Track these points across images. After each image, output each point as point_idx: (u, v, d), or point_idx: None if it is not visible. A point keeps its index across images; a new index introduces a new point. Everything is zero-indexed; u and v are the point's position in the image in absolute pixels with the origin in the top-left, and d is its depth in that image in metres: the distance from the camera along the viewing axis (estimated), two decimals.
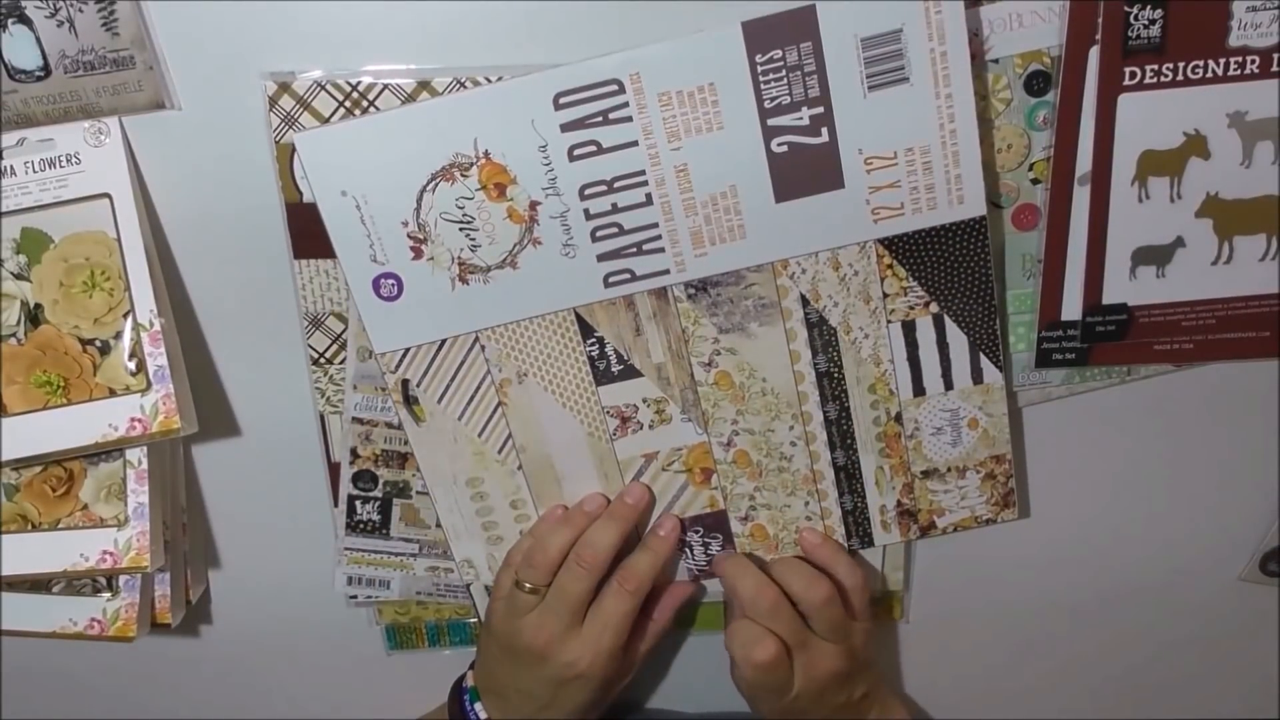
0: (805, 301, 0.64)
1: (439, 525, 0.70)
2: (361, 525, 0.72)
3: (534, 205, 0.60)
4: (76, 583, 0.70)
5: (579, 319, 0.64)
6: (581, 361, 0.65)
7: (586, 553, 0.66)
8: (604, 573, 0.66)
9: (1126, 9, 0.57)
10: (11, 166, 0.61)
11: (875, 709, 0.70)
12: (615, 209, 0.60)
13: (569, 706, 0.67)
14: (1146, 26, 0.58)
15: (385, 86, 0.60)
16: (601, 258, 0.62)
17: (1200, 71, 0.59)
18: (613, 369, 0.65)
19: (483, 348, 0.64)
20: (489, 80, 0.58)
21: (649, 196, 0.60)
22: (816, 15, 0.56)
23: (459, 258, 0.61)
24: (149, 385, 0.63)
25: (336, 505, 0.72)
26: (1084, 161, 0.61)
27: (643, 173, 0.59)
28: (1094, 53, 0.58)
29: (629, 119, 0.58)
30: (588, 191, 0.60)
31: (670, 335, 0.65)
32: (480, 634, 0.72)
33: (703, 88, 0.57)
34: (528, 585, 0.66)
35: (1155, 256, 0.63)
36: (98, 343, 0.63)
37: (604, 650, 0.66)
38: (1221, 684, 0.83)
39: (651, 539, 0.70)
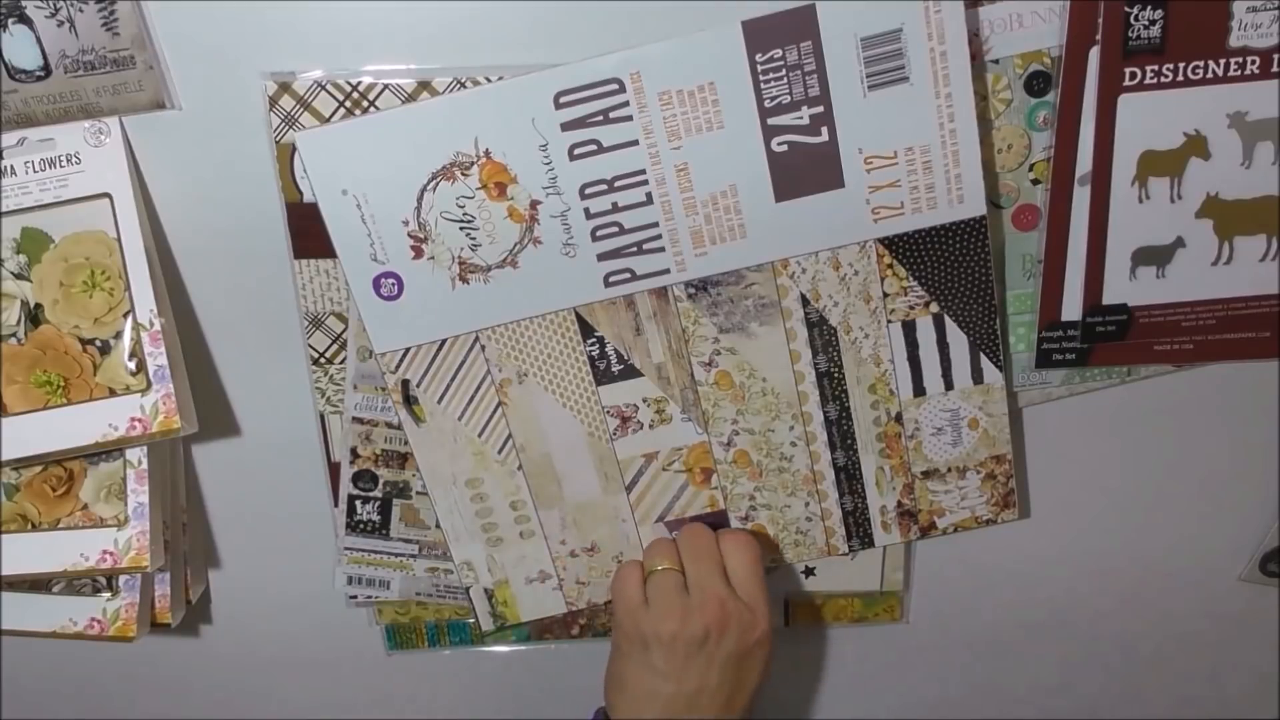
0: (805, 301, 0.64)
1: (439, 526, 0.70)
2: (361, 525, 0.72)
3: (534, 204, 0.60)
4: (76, 582, 0.70)
5: (579, 318, 0.64)
6: (582, 361, 0.65)
7: (689, 533, 0.68)
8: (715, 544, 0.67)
9: (1127, 9, 0.57)
10: (12, 166, 0.61)
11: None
12: (615, 208, 0.60)
13: (752, 682, 0.66)
14: (1147, 27, 0.58)
15: (385, 86, 0.60)
16: (602, 257, 0.62)
17: (1200, 72, 0.59)
18: (613, 369, 0.65)
19: (483, 347, 0.64)
20: (489, 80, 0.58)
21: (649, 196, 0.60)
22: (816, 15, 0.56)
23: (459, 257, 0.61)
24: (149, 385, 0.63)
25: (336, 505, 0.72)
26: (1084, 162, 0.61)
27: (643, 172, 0.59)
28: (1094, 53, 0.58)
29: (629, 118, 0.58)
30: (588, 191, 0.60)
31: (670, 335, 0.65)
32: (616, 664, 0.68)
33: (703, 87, 0.57)
34: (662, 566, 0.66)
35: (1155, 257, 0.63)
36: (98, 342, 0.63)
37: (764, 603, 0.65)
38: (1221, 684, 0.84)
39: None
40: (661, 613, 0.64)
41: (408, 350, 0.64)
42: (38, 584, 0.70)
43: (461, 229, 0.61)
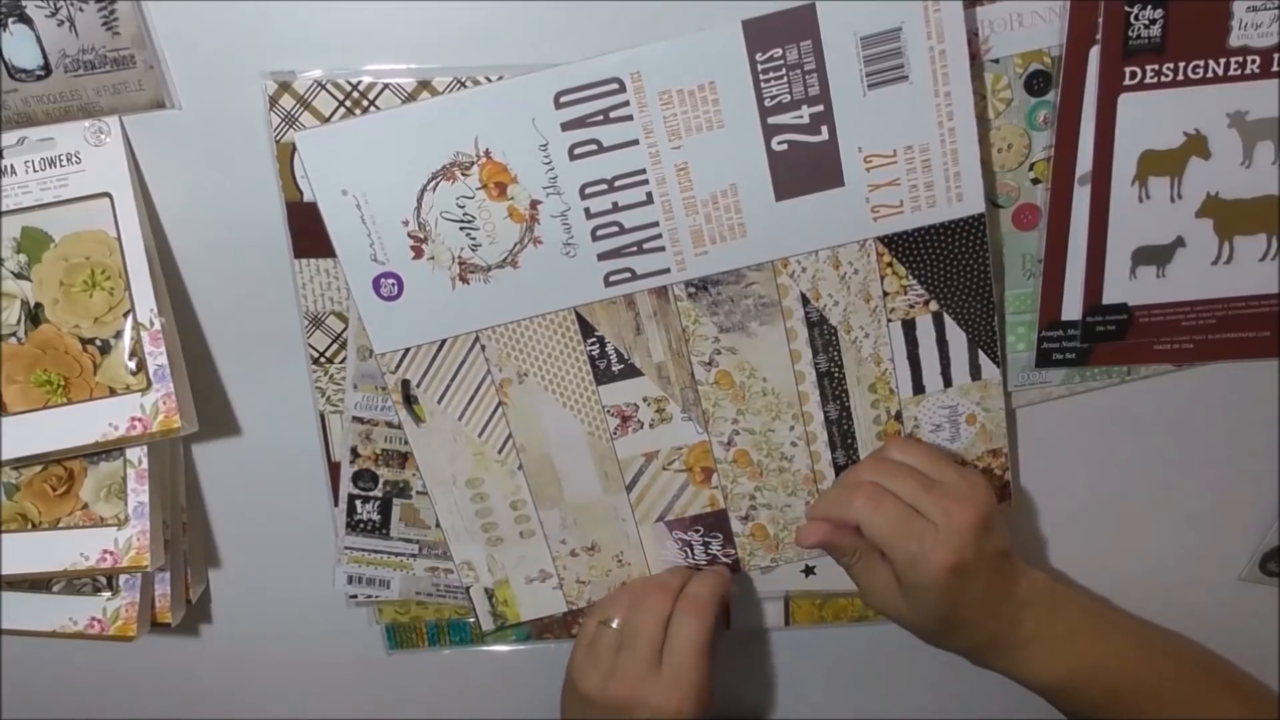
0: (805, 300, 0.64)
1: (439, 525, 0.70)
2: (361, 525, 0.72)
3: (534, 204, 0.60)
4: (76, 582, 0.70)
5: (579, 318, 0.64)
6: (582, 361, 0.65)
7: (653, 585, 0.68)
8: (670, 607, 0.67)
9: (1127, 9, 0.57)
10: (12, 166, 0.61)
11: (1019, 572, 0.66)
12: (616, 208, 0.60)
13: None
14: (1147, 26, 0.58)
15: (385, 86, 0.60)
16: (602, 257, 0.62)
17: (1200, 71, 0.59)
18: (613, 368, 0.65)
19: (483, 347, 0.64)
20: (489, 80, 0.58)
21: (649, 195, 0.60)
22: (816, 14, 0.56)
23: (459, 257, 0.61)
24: (149, 384, 0.63)
25: (336, 505, 0.72)
26: (1084, 161, 0.61)
27: (643, 171, 0.60)
28: (1094, 53, 0.58)
29: (629, 118, 0.58)
30: (588, 190, 0.60)
31: (670, 334, 0.65)
32: (564, 695, 0.70)
33: (703, 86, 0.57)
34: (613, 621, 0.67)
35: (1155, 256, 0.63)
36: (98, 342, 0.63)
37: (691, 685, 0.64)
38: None
39: (705, 572, 0.71)
40: (587, 668, 0.67)
41: (408, 350, 0.64)
42: (38, 584, 0.70)
43: (461, 229, 0.61)
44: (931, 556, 0.60)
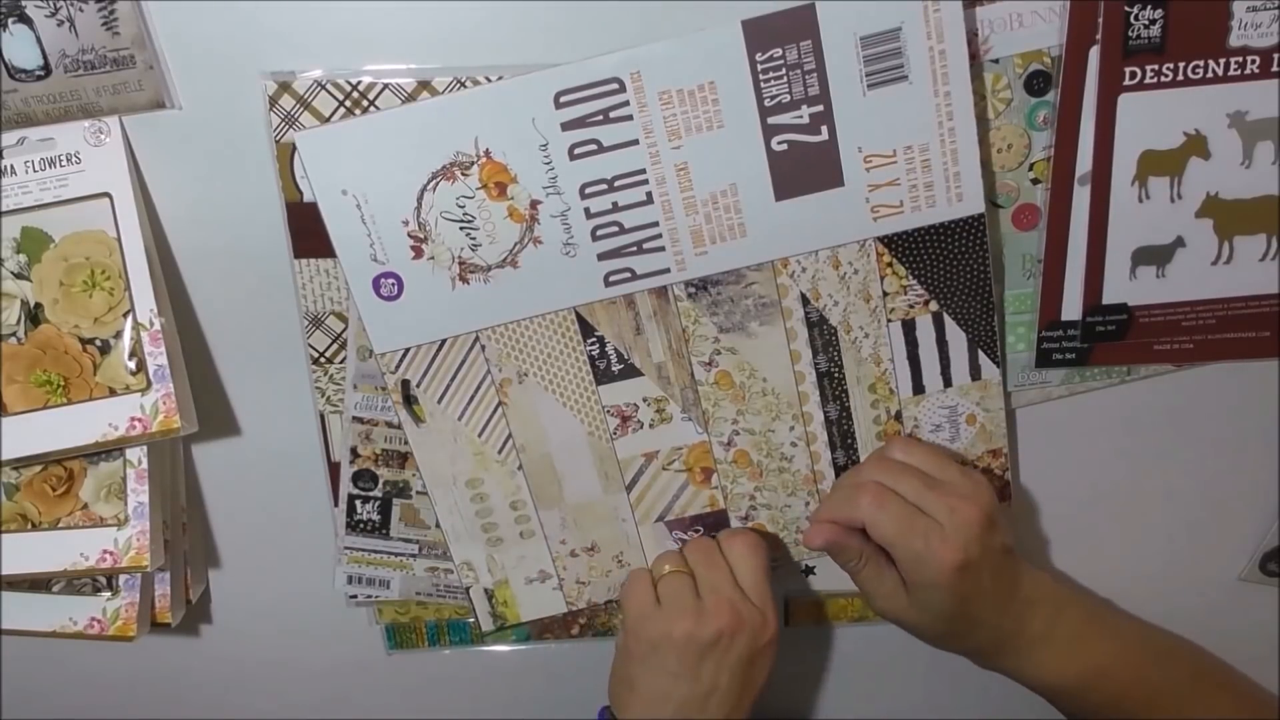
0: (805, 300, 0.64)
1: (439, 525, 0.70)
2: (361, 525, 0.72)
3: (534, 204, 0.60)
4: (76, 582, 0.70)
5: (579, 318, 0.64)
6: (582, 361, 0.65)
7: (697, 539, 0.69)
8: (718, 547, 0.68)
9: (1127, 9, 0.57)
10: (12, 166, 0.61)
11: (1023, 570, 0.66)
12: (616, 208, 0.60)
13: (760, 682, 0.67)
14: (1147, 26, 0.58)
15: (385, 86, 0.60)
16: (602, 257, 0.62)
17: (1200, 71, 0.59)
18: (613, 368, 0.65)
19: (483, 347, 0.64)
20: (489, 80, 0.58)
21: (649, 195, 0.60)
22: (816, 14, 0.56)
23: (459, 257, 0.61)
24: (149, 385, 0.63)
25: (336, 505, 0.72)
26: (1084, 161, 0.61)
27: (643, 171, 0.60)
28: (1094, 53, 0.58)
29: (629, 118, 0.58)
30: (588, 190, 0.60)
31: (670, 334, 0.65)
32: (625, 666, 0.68)
33: (703, 86, 0.57)
34: (670, 568, 0.67)
35: (1155, 256, 0.63)
36: (98, 342, 0.63)
37: (772, 607, 0.66)
38: None
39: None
40: (674, 614, 0.65)
41: (408, 350, 0.64)
42: (38, 584, 0.70)
43: (461, 229, 0.61)
44: (938, 554, 0.61)
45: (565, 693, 0.84)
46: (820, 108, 0.58)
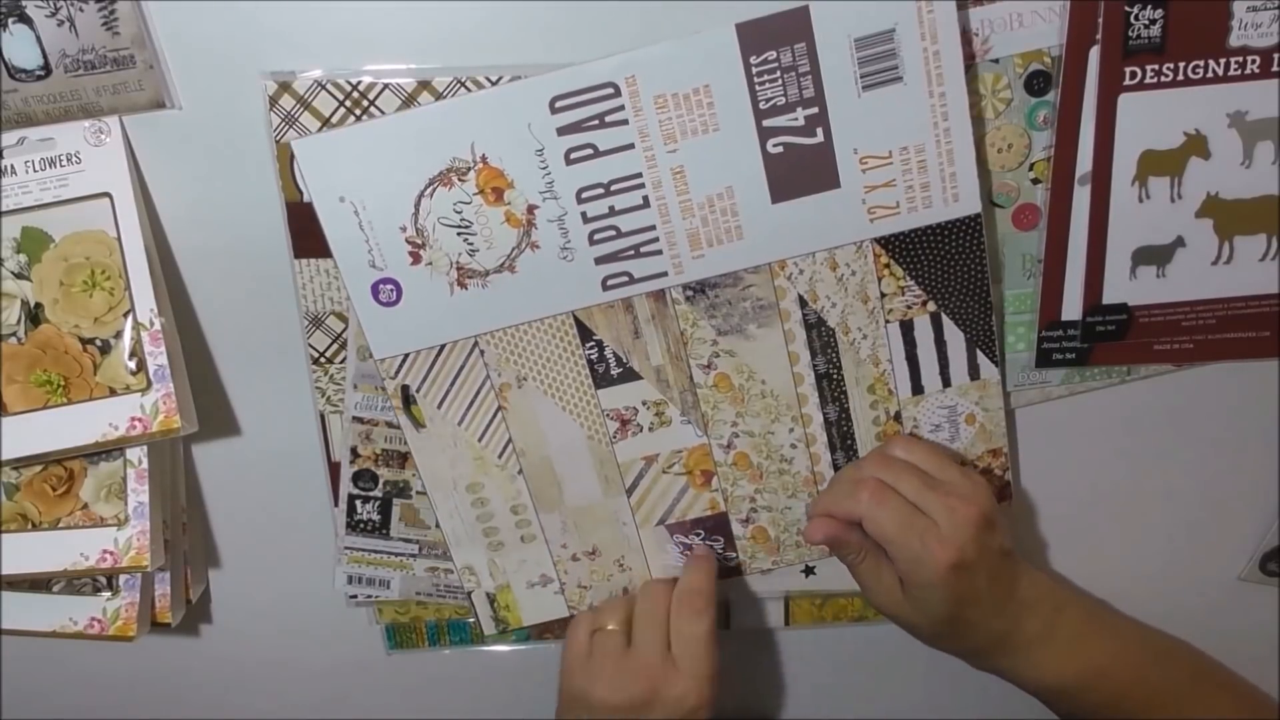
0: (803, 302, 0.64)
1: (439, 526, 0.70)
2: (361, 525, 0.73)
3: (531, 209, 0.60)
4: (76, 582, 0.70)
5: (578, 322, 0.64)
6: (580, 365, 0.65)
7: (647, 589, 0.68)
8: (667, 604, 0.67)
9: (1127, 9, 0.57)
10: (12, 166, 0.61)
11: (1021, 572, 0.66)
12: (612, 212, 0.60)
13: None
14: (1147, 26, 0.57)
15: (385, 86, 0.60)
16: (599, 261, 0.62)
17: (1200, 71, 0.59)
18: (612, 372, 0.65)
19: (482, 352, 0.64)
20: (490, 80, 0.58)
21: (646, 199, 0.60)
22: (810, 16, 0.56)
23: (457, 262, 0.62)
24: (149, 384, 0.63)
25: (336, 505, 0.72)
26: (1084, 161, 0.61)
27: (639, 175, 0.59)
28: (1094, 53, 0.58)
29: (625, 122, 0.58)
30: (585, 195, 0.60)
31: (669, 337, 0.65)
32: (559, 710, 0.69)
33: (698, 90, 0.57)
34: (610, 625, 0.67)
35: (1155, 256, 0.63)
36: (98, 342, 0.63)
37: (705, 676, 0.65)
38: None
39: (692, 560, 0.71)
40: (596, 674, 0.66)
41: (407, 356, 0.65)
42: (38, 584, 0.70)
43: (459, 234, 0.61)
44: (934, 554, 0.60)
45: None
46: (815, 110, 0.58)
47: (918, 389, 0.67)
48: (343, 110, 0.60)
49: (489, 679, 0.84)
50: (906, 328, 0.65)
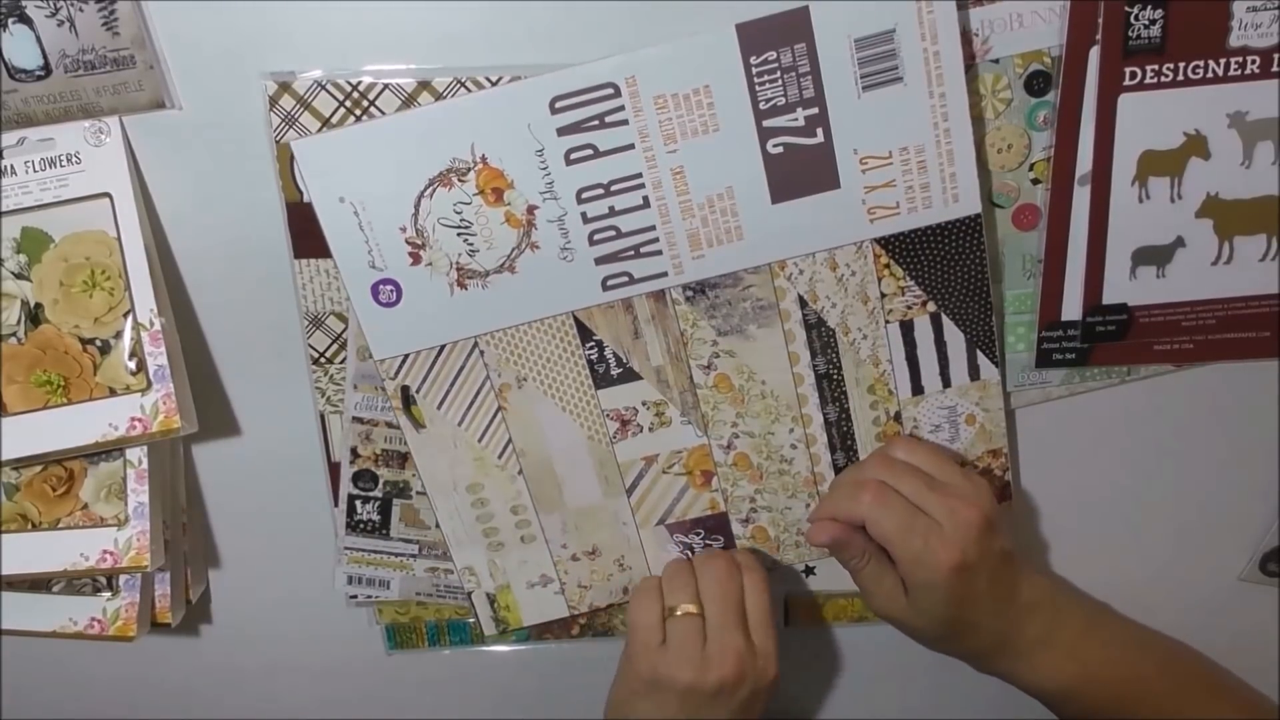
0: (803, 303, 0.64)
1: (439, 526, 0.70)
2: (361, 525, 0.73)
3: (531, 209, 0.60)
4: (76, 582, 0.70)
5: (578, 322, 0.64)
6: (580, 365, 0.65)
7: (713, 563, 0.67)
8: (740, 581, 0.67)
9: (1127, 9, 0.57)
10: (11, 166, 0.61)
11: (1022, 574, 0.66)
12: (612, 212, 0.60)
13: (756, 717, 0.67)
14: (1147, 26, 0.57)
15: (385, 86, 0.60)
16: (599, 261, 0.62)
17: (1200, 71, 0.59)
18: (612, 372, 0.65)
19: (482, 353, 0.64)
20: (490, 80, 0.58)
21: (646, 199, 0.60)
22: (810, 16, 0.56)
23: (457, 263, 0.62)
24: (149, 385, 0.63)
25: (336, 505, 0.72)
26: (1084, 161, 0.61)
27: (639, 175, 0.59)
28: (1094, 53, 0.58)
29: (625, 122, 0.58)
30: (585, 195, 0.60)
31: (669, 338, 0.65)
32: (625, 695, 0.68)
33: (698, 90, 0.57)
34: (687, 607, 0.66)
35: (1155, 256, 0.63)
36: (98, 342, 0.63)
37: (774, 653, 0.65)
38: None
39: (743, 549, 0.71)
40: (679, 661, 0.64)
41: (407, 356, 0.65)
42: (38, 584, 0.70)
43: (459, 235, 0.61)
44: (936, 555, 0.61)
45: (565, 693, 0.84)
46: (815, 110, 0.58)
47: (918, 389, 0.67)
48: (343, 111, 0.60)
49: (489, 679, 0.84)
50: (906, 328, 0.65)
